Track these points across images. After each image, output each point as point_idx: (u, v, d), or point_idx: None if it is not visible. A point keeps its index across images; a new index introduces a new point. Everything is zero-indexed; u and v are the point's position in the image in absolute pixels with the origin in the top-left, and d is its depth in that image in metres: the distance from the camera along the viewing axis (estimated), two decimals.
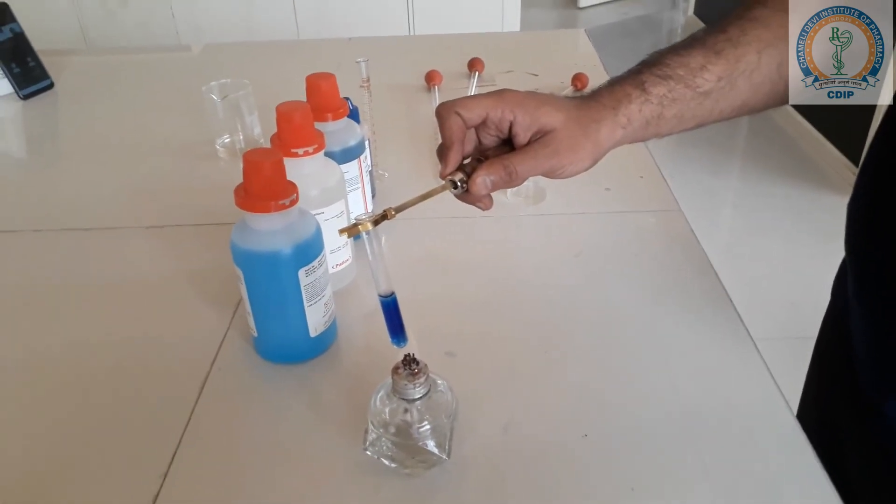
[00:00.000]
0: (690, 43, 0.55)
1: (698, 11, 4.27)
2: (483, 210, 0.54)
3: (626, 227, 0.79)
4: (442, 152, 0.52)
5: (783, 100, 0.57)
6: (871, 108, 2.28)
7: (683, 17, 4.54)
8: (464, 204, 0.54)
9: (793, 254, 2.28)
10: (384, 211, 0.50)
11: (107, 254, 0.77)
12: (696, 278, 0.70)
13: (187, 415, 0.56)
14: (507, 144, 0.54)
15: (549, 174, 0.52)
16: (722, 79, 0.53)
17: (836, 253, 0.64)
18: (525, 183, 0.84)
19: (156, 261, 0.75)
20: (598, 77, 1.13)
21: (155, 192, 0.88)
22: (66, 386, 0.60)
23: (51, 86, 1.20)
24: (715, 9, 3.84)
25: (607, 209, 0.82)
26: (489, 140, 0.53)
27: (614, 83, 0.54)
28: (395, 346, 0.51)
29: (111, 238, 0.80)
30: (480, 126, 0.52)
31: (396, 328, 0.51)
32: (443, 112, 0.51)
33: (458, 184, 0.52)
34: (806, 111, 2.90)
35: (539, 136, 0.52)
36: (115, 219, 0.83)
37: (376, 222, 0.49)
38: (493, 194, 0.52)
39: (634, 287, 0.70)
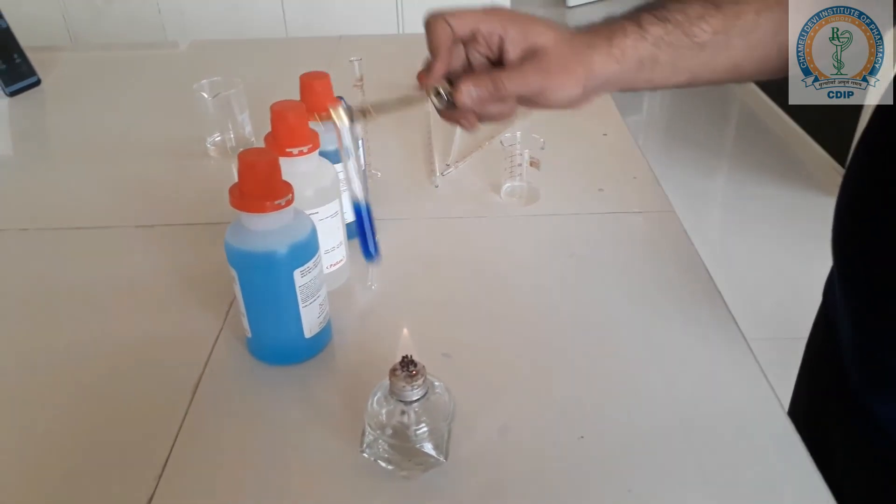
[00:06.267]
0: None
1: None
2: (466, 130, 0.51)
3: (619, 228, 0.79)
4: (426, 64, 0.50)
5: (776, 71, 0.56)
6: (857, 109, 2.30)
7: None
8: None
9: (782, 255, 2.30)
10: (363, 107, 0.46)
11: (96, 253, 0.76)
12: (689, 279, 0.71)
13: (181, 416, 0.55)
14: (497, 66, 0.51)
15: (537, 96, 0.51)
16: (719, 32, 0.52)
17: (823, 254, 0.65)
18: (518, 183, 0.85)
19: (147, 261, 0.74)
20: None
21: (145, 191, 0.87)
22: (57, 388, 0.59)
23: (38, 82, 1.18)
24: None
25: (601, 210, 0.82)
26: (478, 58, 0.52)
27: (611, 18, 0.53)
28: (367, 263, 0.47)
29: (101, 237, 0.79)
30: (470, 42, 0.51)
31: (368, 240, 0.48)
32: (431, 20, 0.50)
33: (442, 93, 0.49)
34: (793, 112, 2.93)
35: (530, 55, 0.50)
36: (105, 218, 0.82)
37: (352, 116, 0.45)
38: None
39: (628, 288, 0.70)
